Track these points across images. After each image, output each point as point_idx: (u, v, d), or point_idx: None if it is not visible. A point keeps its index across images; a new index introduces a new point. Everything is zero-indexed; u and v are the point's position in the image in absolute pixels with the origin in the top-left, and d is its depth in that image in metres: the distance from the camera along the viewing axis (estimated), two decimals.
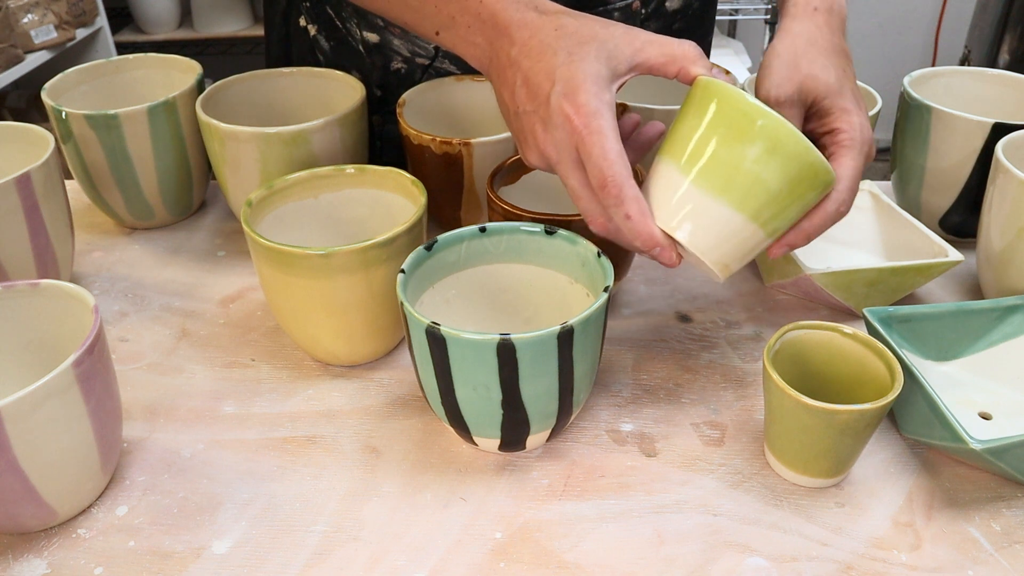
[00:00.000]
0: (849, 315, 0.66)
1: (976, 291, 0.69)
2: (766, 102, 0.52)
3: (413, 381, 0.60)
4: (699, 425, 0.56)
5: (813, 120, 0.54)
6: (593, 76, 0.47)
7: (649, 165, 0.52)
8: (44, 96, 0.72)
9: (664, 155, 0.50)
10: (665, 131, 0.53)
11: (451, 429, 0.53)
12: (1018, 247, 0.60)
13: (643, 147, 0.55)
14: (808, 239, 0.51)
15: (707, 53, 0.89)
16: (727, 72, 0.73)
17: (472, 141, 0.66)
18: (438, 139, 0.67)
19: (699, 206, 0.48)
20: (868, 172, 0.57)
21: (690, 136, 0.48)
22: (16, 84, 2.02)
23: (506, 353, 0.46)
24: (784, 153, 0.46)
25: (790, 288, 0.67)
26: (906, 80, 0.76)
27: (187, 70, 0.79)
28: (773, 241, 0.50)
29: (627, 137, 0.54)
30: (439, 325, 0.46)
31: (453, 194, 0.70)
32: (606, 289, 0.49)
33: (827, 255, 0.71)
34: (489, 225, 0.56)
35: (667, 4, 0.79)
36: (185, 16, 2.56)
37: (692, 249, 0.49)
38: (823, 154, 0.49)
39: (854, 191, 0.51)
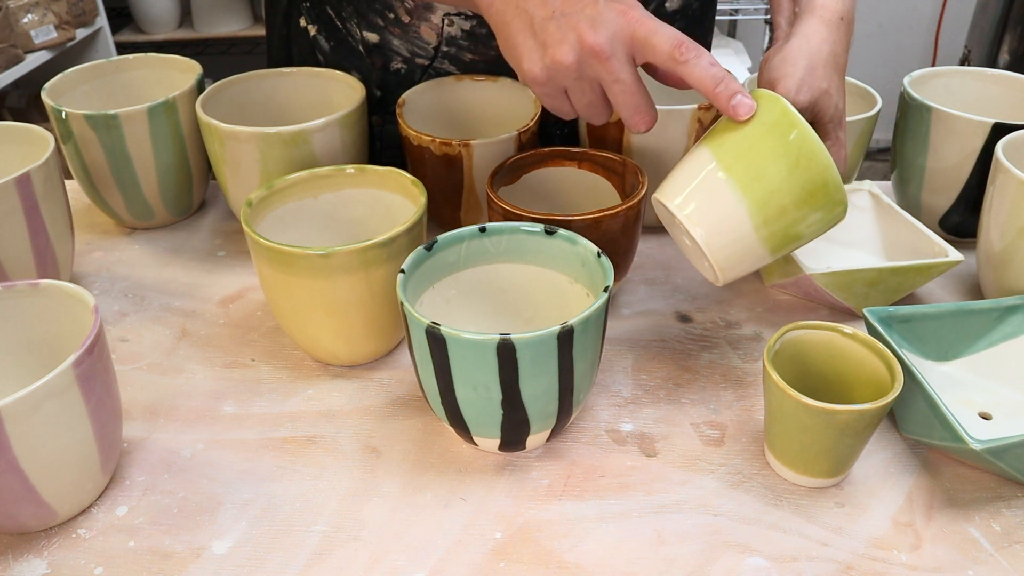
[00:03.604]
0: (849, 315, 0.66)
1: (976, 291, 0.69)
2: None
3: (413, 381, 0.60)
4: (699, 425, 0.56)
5: None
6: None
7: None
8: (44, 96, 0.72)
9: (704, 153, 0.52)
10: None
11: (451, 429, 0.53)
12: (1018, 247, 0.60)
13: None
14: None
15: None
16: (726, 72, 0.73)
17: (472, 142, 0.66)
18: (438, 140, 0.67)
19: (725, 212, 0.50)
20: (868, 172, 0.57)
21: (738, 145, 0.50)
22: (16, 84, 2.02)
23: (506, 353, 0.46)
24: (826, 208, 0.50)
25: (790, 288, 0.67)
26: (906, 80, 0.76)
27: (187, 70, 0.79)
28: (772, 259, 0.53)
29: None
30: (439, 325, 0.46)
31: (453, 194, 0.70)
32: (606, 289, 0.49)
33: (827, 255, 0.71)
34: (489, 225, 0.56)
35: (667, 4, 0.79)
36: (185, 16, 2.56)
37: (708, 253, 0.51)
38: None
39: None
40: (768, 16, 2.38)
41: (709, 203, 0.50)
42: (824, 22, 0.55)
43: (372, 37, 0.78)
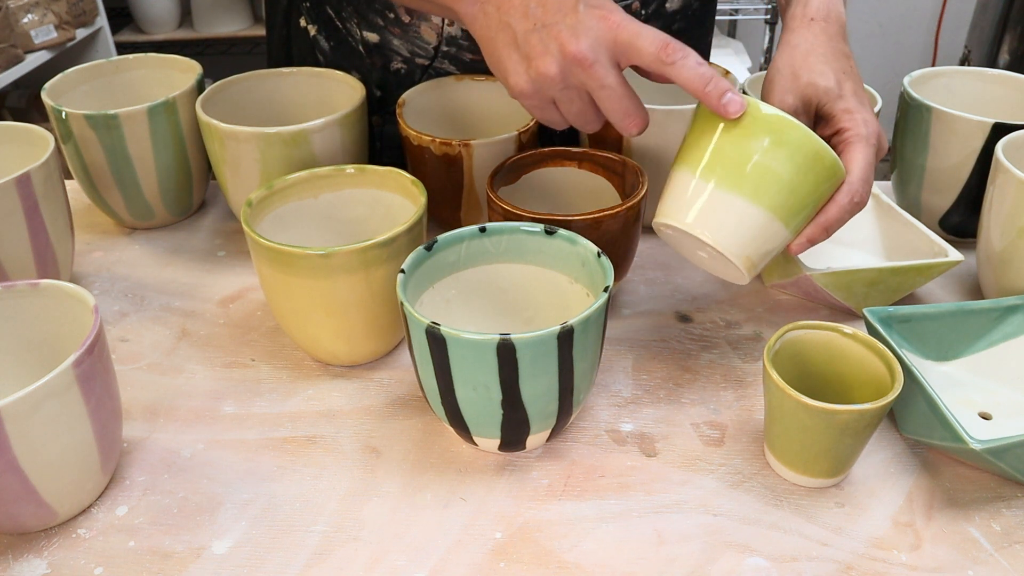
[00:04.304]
0: (849, 315, 0.66)
1: (976, 291, 0.69)
2: None
3: (413, 381, 0.60)
4: (699, 425, 0.56)
5: (820, 126, 0.56)
6: (614, 5, 0.50)
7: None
8: (44, 96, 0.72)
9: (681, 165, 0.52)
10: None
11: (451, 429, 0.53)
12: (1018, 247, 0.60)
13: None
14: (827, 232, 0.53)
15: (707, 53, 0.89)
16: (727, 72, 0.73)
17: (472, 142, 0.66)
18: (438, 140, 0.67)
19: (720, 204, 0.50)
20: None
21: (704, 143, 0.51)
22: (16, 84, 2.02)
23: (506, 353, 0.46)
24: (791, 144, 0.49)
25: (790, 288, 0.67)
26: (906, 80, 0.76)
27: (187, 70, 0.79)
28: (794, 236, 0.52)
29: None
30: (439, 325, 0.46)
31: (453, 194, 0.70)
32: (606, 289, 0.49)
33: (827, 255, 0.71)
34: (489, 225, 0.56)
35: (667, 5, 0.79)
36: (185, 16, 2.56)
37: (716, 246, 0.50)
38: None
39: (867, 182, 0.53)
40: (768, 16, 2.39)
41: (707, 205, 0.50)
42: (793, 31, 0.58)
43: (372, 37, 0.78)
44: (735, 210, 0.50)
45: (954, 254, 0.62)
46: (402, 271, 0.51)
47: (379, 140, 0.84)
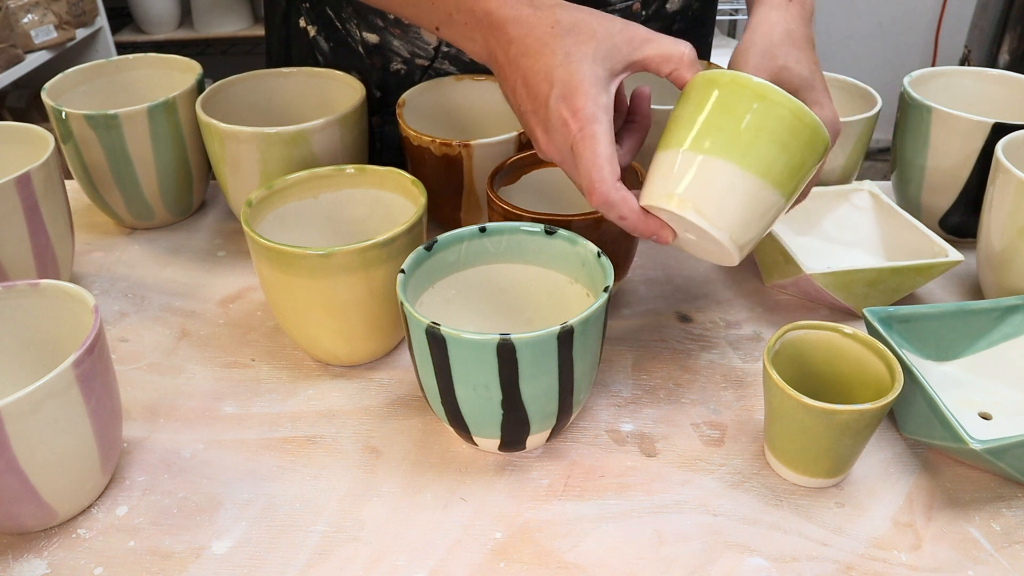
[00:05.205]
0: (849, 315, 0.66)
1: (976, 291, 0.69)
2: None
3: (413, 381, 0.60)
4: (699, 425, 0.56)
5: None
6: (591, 78, 0.48)
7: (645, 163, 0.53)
8: (44, 96, 0.72)
9: (662, 144, 0.50)
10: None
11: (451, 429, 0.53)
12: (1018, 247, 0.60)
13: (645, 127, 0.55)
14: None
15: (707, 53, 0.89)
16: None
17: (472, 142, 0.66)
18: (438, 140, 0.67)
19: (697, 173, 0.47)
20: (868, 172, 0.57)
21: (683, 119, 0.49)
22: (16, 84, 2.02)
23: (506, 353, 0.46)
24: (777, 113, 0.47)
25: (790, 288, 0.67)
26: (906, 80, 0.76)
27: (187, 70, 0.79)
28: (783, 203, 0.49)
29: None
30: (439, 325, 0.46)
31: (453, 195, 0.70)
32: (606, 289, 0.49)
33: (827, 255, 0.71)
34: (489, 225, 0.56)
35: (667, 5, 0.79)
36: (185, 16, 2.57)
37: (696, 218, 0.47)
38: None
39: (818, 175, 0.52)
40: None
41: (692, 178, 0.47)
42: (772, 7, 0.55)
43: (372, 38, 0.78)
44: (718, 178, 0.47)
45: (954, 254, 0.62)
46: (402, 271, 0.51)
47: (379, 140, 0.84)
